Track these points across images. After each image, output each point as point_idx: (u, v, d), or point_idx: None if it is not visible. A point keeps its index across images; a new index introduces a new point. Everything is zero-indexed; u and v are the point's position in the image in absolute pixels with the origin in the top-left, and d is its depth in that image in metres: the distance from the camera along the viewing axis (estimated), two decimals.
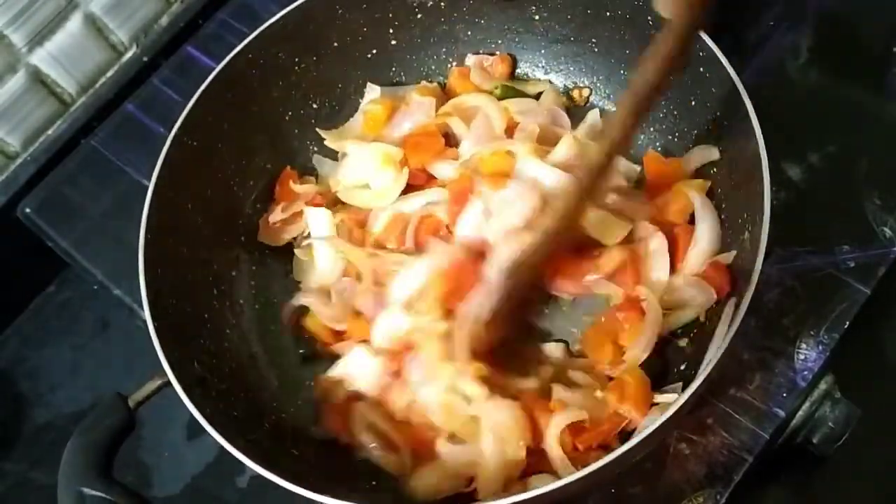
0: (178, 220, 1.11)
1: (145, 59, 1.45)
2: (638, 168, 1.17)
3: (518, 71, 1.29)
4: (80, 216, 1.33)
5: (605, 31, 1.18)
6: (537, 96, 1.26)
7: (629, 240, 1.08)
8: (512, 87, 1.26)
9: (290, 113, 1.25)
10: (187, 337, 1.05)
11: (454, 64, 1.29)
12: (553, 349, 1.10)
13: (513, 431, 0.98)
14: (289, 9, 1.17)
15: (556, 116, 1.22)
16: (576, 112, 1.25)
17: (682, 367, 1.04)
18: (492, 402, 1.00)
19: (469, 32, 1.26)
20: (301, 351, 1.16)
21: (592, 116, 1.22)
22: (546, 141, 1.17)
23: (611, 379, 1.03)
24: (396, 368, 1.05)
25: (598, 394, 1.01)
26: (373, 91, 1.28)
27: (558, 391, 1.02)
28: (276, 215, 1.20)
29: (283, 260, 1.22)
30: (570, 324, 1.12)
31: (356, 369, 1.07)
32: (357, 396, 1.07)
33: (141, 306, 1.01)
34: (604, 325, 1.05)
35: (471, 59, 1.28)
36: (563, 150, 1.14)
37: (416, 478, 1.02)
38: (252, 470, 0.90)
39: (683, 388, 0.96)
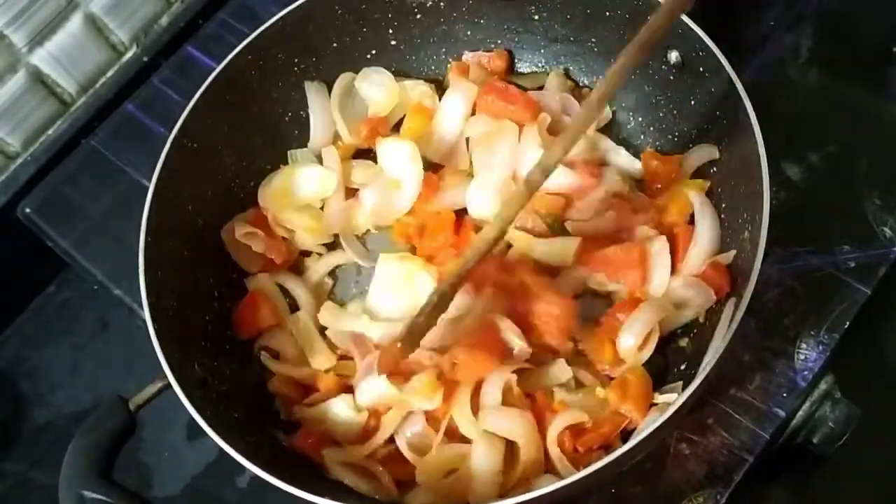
0: (178, 222, 1.11)
1: (145, 59, 1.45)
2: (639, 167, 1.17)
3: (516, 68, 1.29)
4: (80, 216, 1.33)
5: (605, 31, 1.18)
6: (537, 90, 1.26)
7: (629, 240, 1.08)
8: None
9: (290, 113, 1.25)
10: (188, 339, 1.05)
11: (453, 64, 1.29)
12: None
13: (530, 436, 0.98)
14: (289, 9, 1.17)
15: (567, 105, 1.21)
16: None
17: (683, 367, 1.04)
18: (501, 412, 0.99)
19: (468, 32, 1.26)
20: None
21: None
22: (556, 132, 1.17)
23: (611, 379, 1.03)
24: (375, 424, 1.04)
25: (600, 391, 1.01)
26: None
27: (560, 393, 1.02)
28: (242, 233, 1.16)
29: None
30: None
31: (337, 418, 1.05)
32: (331, 438, 1.05)
33: (141, 306, 1.01)
34: (604, 325, 1.05)
35: (468, 56, 1.27)
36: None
37: (411, 497, 1.01)
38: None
39: (683, 388, 0.96)
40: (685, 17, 1.04)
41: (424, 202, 1.17)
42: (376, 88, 1.24)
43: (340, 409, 1.05)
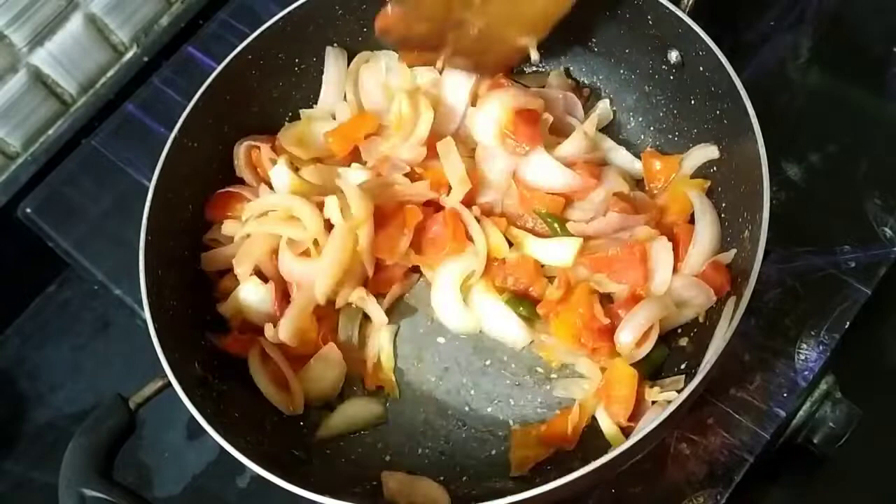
0: (178, 222, 1.11)
1: (146, 59, 1.45)
2: (639, 167, 1.17)
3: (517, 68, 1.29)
4: (80, 216, 1.33)
5: (605, 31, 1.18)
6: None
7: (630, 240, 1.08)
8: None
9: (290, 113, 1.25)
10: (188, 338, 1.05)
11: None
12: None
13: None
14: (289, 9, 1.17)
15: (569, 104, 1.21)
16: None
17: (682, 367, 1.04)
18: None
19: None
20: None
21: (602, 107, 1.22)
22: (557, 131, 1.17)
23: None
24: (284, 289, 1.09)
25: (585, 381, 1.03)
26: None
27: None
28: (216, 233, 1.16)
29: None
30: None
31: (248, 299, 1.09)
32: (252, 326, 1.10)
33: (141, 306, 1.01)
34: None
35: None
36: (573, 145, 1.14)
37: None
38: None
39: (684, 387, 0.96)
40: (685, 17, 1.04)
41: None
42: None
43: (249, 291, 1.09)
